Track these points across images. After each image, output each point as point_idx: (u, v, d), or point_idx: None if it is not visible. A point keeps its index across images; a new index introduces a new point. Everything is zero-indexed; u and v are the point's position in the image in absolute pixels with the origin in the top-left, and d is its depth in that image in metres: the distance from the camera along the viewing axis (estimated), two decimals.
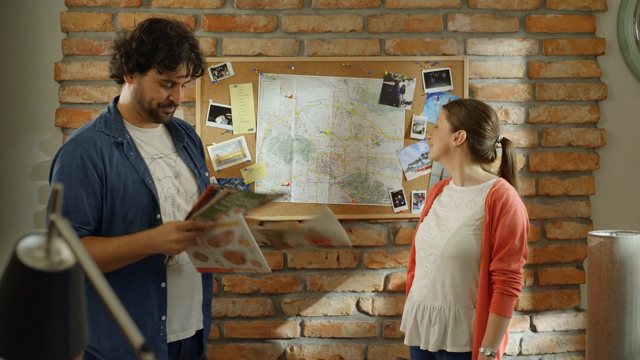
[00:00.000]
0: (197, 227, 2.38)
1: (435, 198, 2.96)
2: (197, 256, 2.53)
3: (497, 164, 2.91)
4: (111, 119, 2.57)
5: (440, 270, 2.77)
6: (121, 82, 2.59)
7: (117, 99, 2.65)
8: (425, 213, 2.96)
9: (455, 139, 2.80)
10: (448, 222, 2.81)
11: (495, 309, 2.67)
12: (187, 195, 2.64)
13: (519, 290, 2.70)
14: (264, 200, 2.50)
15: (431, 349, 2.76)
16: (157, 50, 2.44)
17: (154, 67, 2.46)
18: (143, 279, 2.51)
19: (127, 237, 2.44)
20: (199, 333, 2.71)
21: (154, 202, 2.51)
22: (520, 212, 2.73)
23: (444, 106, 2.91)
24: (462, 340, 2.73)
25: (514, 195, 2.74)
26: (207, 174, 2.78)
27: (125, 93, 2.59)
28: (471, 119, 2.80)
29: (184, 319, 2.62)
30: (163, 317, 2.53)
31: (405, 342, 2.90)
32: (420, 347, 2.82)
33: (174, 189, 2.60)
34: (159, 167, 2.59)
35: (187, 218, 2.43)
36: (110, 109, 2.60)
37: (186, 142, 2.74)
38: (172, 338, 2.58)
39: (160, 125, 2.68)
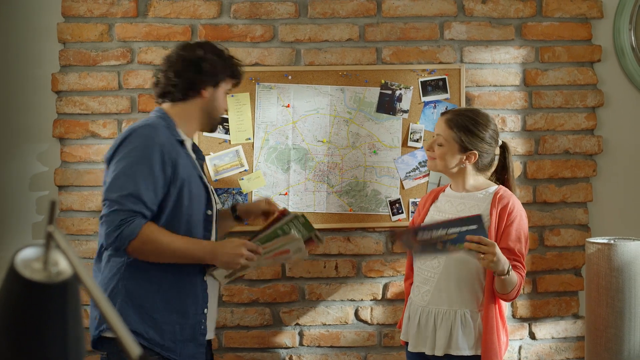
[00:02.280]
0: (258, 252, 2.64)
1: (431, 205, 2.96)
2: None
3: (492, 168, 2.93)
4: (169, 122, 2.68)
5: (445, 275, 2.78)
6: (181, 99, 2.70)
7: (160, 109, 2.74)
8: (421, 220, 2.95)
9: (467, 158, 2.82)
10: None
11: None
12: (213, 199, 2.78)
13: (523, 277, 2.72)
14: (311, 235, 2.77)
15: (437, 353, 2.76)
16: (230, 63, 2.76)
17: (227, 76, 2.75)
18: (194, 270, 2.63)
19: (193, 239, 2.59)
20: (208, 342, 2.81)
21: (208, 198, 2.68)
22: (524, 218, 2.79)
23: (447, 122, 2.84)
24: (469, 344, 2.73)
25: (517, 202, 2.79)
26: None
27: (188, 107, 2.72)
28: (482, 140, 2.80)
29: (213, 319, 2.78)
30: (205, 310, 2.66)
31: (409, 348, 2.88)
32: (426, 353, 2.81)
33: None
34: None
35: (252, 239, 2.70)
36: (163, 115, 2.70)
37: (199, 157, 2.89)
38: (209, 335, 2.73)
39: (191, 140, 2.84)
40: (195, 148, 2.85)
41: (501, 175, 2.94)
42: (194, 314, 2.62)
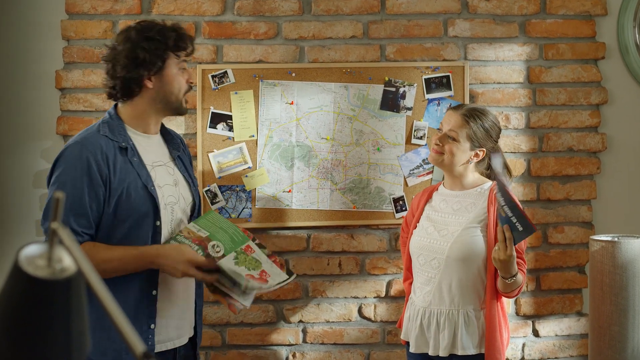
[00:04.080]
0: (209, 267, 2.47)
1: (425, 205, 2.95)
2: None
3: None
4: (114, 124, 2.56)
5: (446, 274, 2.77)
6: (129, 95, 2.56)
7: (116, 105, 2.64)
8: (417, 220, 2.94)
9: (477, 155, 2.81)
10: (448, 226, 2.80)
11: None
12: (185, 204, 2.65)
13: (524, 274, 2.73)
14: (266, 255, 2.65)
15: (442, 354, 2.75)
16: (167, 37, 2.52)
17: (169, 52, 2.52)
18: (135, 287, 2.50)
19: (133, 249, 2.46)
20: (192, 340, 2.70)
21: (155, 209, 2.51)
22: None
23: (463, 116, 2.80)
24: (473, 343, 2.73)
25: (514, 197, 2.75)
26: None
27: (137, 102, 2.57)
28: (491, 138, 2.81)
29: (179, 326, 2.62)
30: (152, 326, 2.52)
31: (411, 349, 2.87)
32: (430, 354, 2.80)
33: (174, 197, 2.61)
34: (160, 175, 2.59)
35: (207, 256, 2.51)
36: (111, 114, 2.59)
37: (181, 152, 2.76)
38: (168, 345, 2.57)
39: (158, 133, 2.69)
40: (168, 138, 2.72)
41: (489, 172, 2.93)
42: (139, 332, 2.46)
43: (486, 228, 2.73)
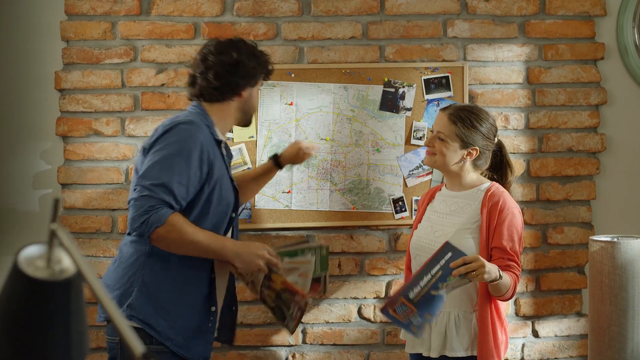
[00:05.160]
0: (277, 262, 2.67)
1: (427, 205, 2.95)
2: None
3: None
4: (207, 121, 2.70)
5: None
6: (217, 98, 2.73)
7: (198, 105, 2.76)
8: (419, 220, 2.94)
9: (469, 154, 2.79)
10: (444, 227, 2.79)
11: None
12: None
13: (518, 275, 2.70)
14: (322, 275, 2.85)
15: (433, 354, 2.74)
16: (267, 62, 2.80)
17: (263, 75, 2.81)
18: (208, 269, 2.67)
19: (216, 235, 2.62)
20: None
21: (235, 201, 2.73)
22: (517, 215, 2.72)
23: (449, 116, 2.80)
24: (463, 345, 2.71)
25: (509, 199, 2.73)
26: None
27: (225, 108, 2.75)
28: (483, 135, 2.78)
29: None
30: (213, 308, 2.68)
31: (407, 349, 2.88)
32: (423, 354, 2.81)
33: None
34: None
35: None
36: (202, 114, 2.72)
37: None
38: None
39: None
40: (226, 146, 2.87)
41: (499, 173, 2.92)
42: (206, 311, 2.65)
43: (479, 230, 2.72)
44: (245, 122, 2.86)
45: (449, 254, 2.52)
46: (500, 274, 2.56)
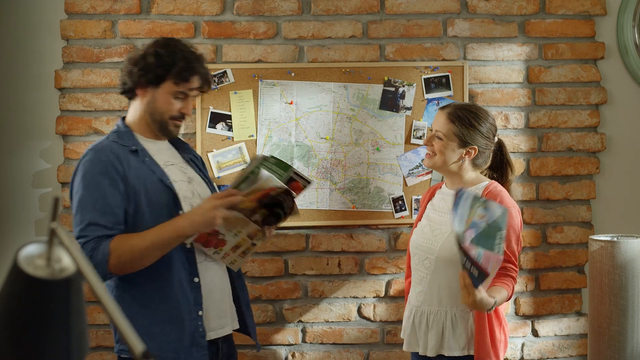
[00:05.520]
0: (231, 194, 2.52)
1: (428, 203, 2.95)
2: (217, 245, 2.64)
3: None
4: (122, 132, 2.65)
5: (436, 275, 2.76)
6: (132, 97, 2.68)
7: (123, 118, 2.72)
8: (419, 218, 2.94)
9: (468, 153, 2.78)
10: (441, 226, 2.79)
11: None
12: (202, 198, 2.68)
13: (515, 279, 2.70)
14: (290, 174, 2.64)
15: (429, 354, 2.74)
16: (175, 63, 2.58)
17: (170, 78, 2.59)
18: (177, 276, 2.57)
19: (163, 223, 2.51)
20: (229, 339, 2.78)
21: (175, 200, 2.59)
22: (515, 214, 2.71)
23: (448, 115, 2.80)
24: (460, 344, 2.71)
25: (507, 198, 2.73)
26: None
27: (137, 107, 2.67)
28: (482, 134, 2.77)
29: (220, 316, 2.69)
30: (200, 312, 2.59)
31: (404, 348, 2.88)
32: (419, 353, 2.81)
33: (189, 192, 2.67)
34: (172, 172, 2.66)
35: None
36: (119, 125, 2.68)
37: (192, 156, 2.84)
38: (211, 335, 2.65)
39: (166, 140, 2.76)
40: (178, 144, 2.81)
41: (499, 172, 2.91)
42: (189, 320, 2.56)
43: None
44: (158, 127, 2.67)
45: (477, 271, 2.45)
46: (495, 300, 2.56)
